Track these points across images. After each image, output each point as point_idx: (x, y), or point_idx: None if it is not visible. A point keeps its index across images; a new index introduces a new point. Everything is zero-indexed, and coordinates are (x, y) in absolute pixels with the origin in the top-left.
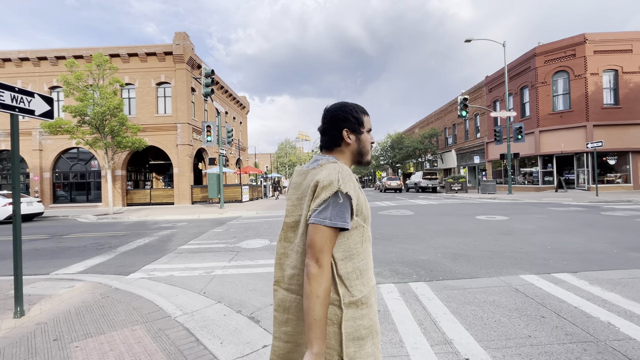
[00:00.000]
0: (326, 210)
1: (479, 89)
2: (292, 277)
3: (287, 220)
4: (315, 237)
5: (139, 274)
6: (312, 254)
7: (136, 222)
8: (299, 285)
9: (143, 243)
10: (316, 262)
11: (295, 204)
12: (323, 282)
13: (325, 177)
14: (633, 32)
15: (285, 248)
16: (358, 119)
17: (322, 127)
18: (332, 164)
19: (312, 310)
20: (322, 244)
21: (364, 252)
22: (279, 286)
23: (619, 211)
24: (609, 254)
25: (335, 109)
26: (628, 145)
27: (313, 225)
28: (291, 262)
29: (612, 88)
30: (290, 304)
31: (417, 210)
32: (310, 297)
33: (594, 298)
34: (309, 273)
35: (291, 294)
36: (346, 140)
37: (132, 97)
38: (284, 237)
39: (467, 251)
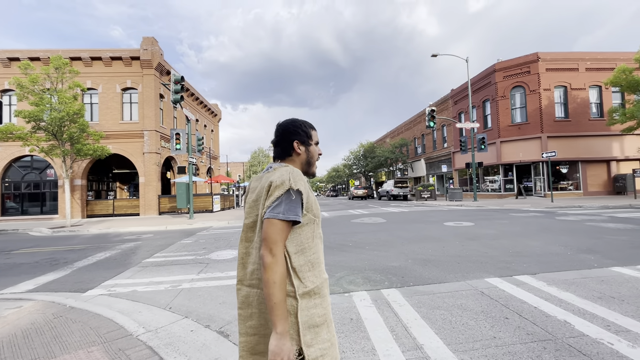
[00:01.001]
0: (279, 206)
1: (445, 101)
2: (253, 272)
3: (246, 221)
4: (269, 231)
5: (98, 290)
6: (266, 246)
7: (97, 235)
8: (259, 279)
9: (104, 257)
10: (270, 252)
11: (252, 205)
12: (278, 269)
13: (278, 178)
14: (579, 52)
15: (246, 247)
16: (307, 133)
17: (275, 140)
18: (284, 168)
19: (271, 295)
20: (275, 236)
21: (315, 247)
22: (242, 284)
23: (571, 216)
24: (563, 255)
25: (287, 123)
26: (578, 155)
27: (267, 220)
28: (252, 259)
29: (562, 103)
30: (253, 299)
31: (388, 217)
32: (268, 284)
33: (551, 298)
34: (265, 263)
35: (253, 289)
36: (297, 150)
37: (95, 102)
38: (245, 238)
39: (437, 257)
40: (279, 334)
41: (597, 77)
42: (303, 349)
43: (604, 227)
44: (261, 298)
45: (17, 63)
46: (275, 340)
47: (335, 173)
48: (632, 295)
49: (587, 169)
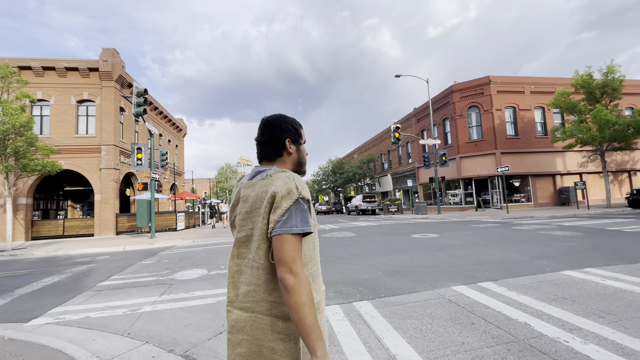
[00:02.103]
0: (291, 219)
1: (409, 119)
2: (247, 294)
3: (238, 235)
4: (284, 248)
5: (44, 319)
6: (285, 265)
7: (43, 258)
8: (255, 303)
9: (51, 282)
10: (290, 273)
11: (245, 217)
12: (304, 289)
13: (283, 187)
14: (524, 77)
15: (238, 265)
16: (297, 131)
17: (262, 138)
18: (283, 173)
19: (303, 319)
20: (292, 254)
21: (315, 258)
22: (233, 306)
23: (525, 225)
24: (520, 262)
25: (277, 119)
26: (528, 169)
27: (279, 237)
28: (246, 278)
29: (512, 122)
30: (245, 324)
31: (358, 231)
32: (298, 307)
33: (512, 302)
34: (288, 286)
35: (245, 313)
36: (288, 149)
37: (46, 114)
38: (237, 254)
39: (405, 267)
40: (319, 357)
41: (540, 99)
42: None
43: (554, 235)
44: (255, 324)
45: None
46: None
47: None
48: (582, 295)
49: (537, 182)
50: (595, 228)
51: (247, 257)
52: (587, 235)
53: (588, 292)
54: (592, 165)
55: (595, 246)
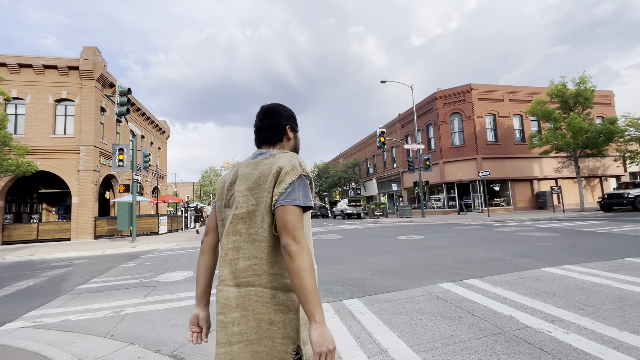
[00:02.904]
0: (294, 192)
1: (394, 125)
2: (247, 268)
3: (237, 212)
4: (287, 218)
5: (20, 323)
6: (288, 233)
7: (16, 263)
8: (257, 276)
9: (25, 286)
10: (294, 240)
11: (245, 194)
12: (306, 255)
13: (287, 163)
14: (503, 85)
15: (235, 242)
16: (295, 119)
17: (264, 123)
18: (286, 153)
19: (304, 283)
20: (295, 222)
21: (309, 237)
22: (226, 285)
23: (505, 227)
24: (503, 260)
25: (277, 106)
26: (507, 174)
27: (283, 207)
28: (245, 253)
29: (492, 128)
30: (243, 299)
31: (345, 234)
32: (300, 272)
33: (497, 297)
34: (291, 252)
35: (244, 288)
36: (288, 135)
37: (21, 113)
38: (233, 231)
39: (393, 267)
40: (318, 322)
41: (518, 107)
42: (300, 347)
43: (533, 235)
44: (257, 297)
45: None
46: (316, 330)
47: None
48: (562, 290)
49: (516, 187)
50: (571, 229)
51: (244, 233)
52: (564, 235)
53: (568, 286)
54: (566, 171)
55: (572, 245)
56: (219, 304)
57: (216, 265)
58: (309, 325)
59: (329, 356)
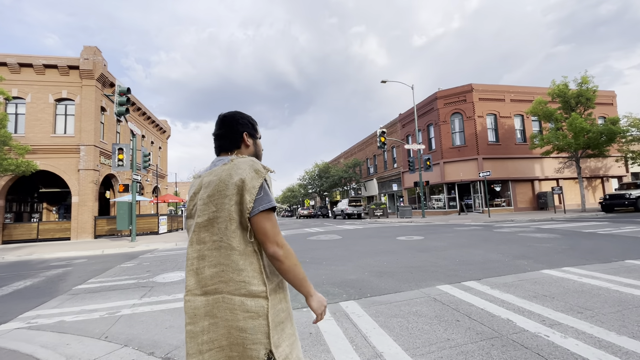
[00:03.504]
0: (267, 195)
1: (394, 125)
2: (214, 276)
3: (199, 220)
4: (267, 225)
5: (15, 324)
6: (272, 241)
7: (15, 262)
8: (224, 283)
9: (23, 286)
10: (278, 245)
11: (206, 202)
12: (291, 255)
13: (249, 169)
14: (505, 85)
15: (199, 251)
16: (253, 126)
17: (221, 131)
18: (244, 158)
19: (298, 274)
20: (273, 228)
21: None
22: (194, 294)
23: (505, 228)
24: (502, 262)
25: (235, 114)
26: (508, 175)
27: (260, 216)
28: (211, 261)
29: (493, 128)
30: (212, 307)
31: (344, 234)
32: (292, 269)
33: (495, 300)
34: (280, 257)
35: (212, 296)
36: (246, 142)
37: (21, 112)
38: (197, 240)
39: (391, 268)
40: (312, 295)
41: (519, 107)
42: (272, 351)
43: (533, 237)
44: (225, 304)
45: None
46: (313, 300)
47: (291, 193)
48: (560, 292)
49: (516, 187)
50: (572, 230)
51: (209, 240)
52: (564, 237)
53: (566, 289)
54: (568, 171)
55: (572, 247)
56: (187, 314)
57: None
58: (307, 300)
59: (325, 310)
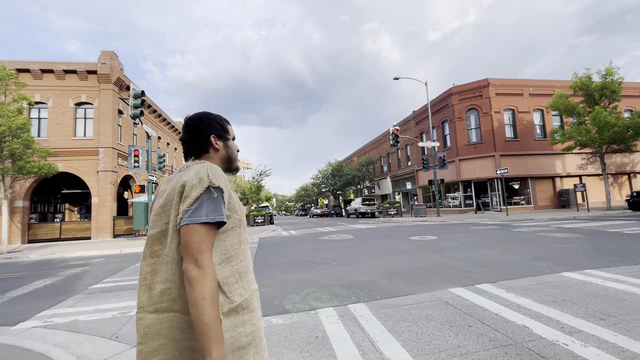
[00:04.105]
0: (200, 208)
1: (408, 122)
2: (162, 293)
3: (151, 232)
4: (190, 239)
5: (32, 322)
6: (190, 257)
7: (38, 261)
8: (172, 301)
9: (43, 285)
10: (195, 264)
11: (159, 212)
12: (207, 283)
13: (194, 176)
14: (523, 79)
15: (152, 265)
16: (223, 126)
17: (186, 136)
18: (199, 164)
19: (201, 315)
20: (199, 244)
21: (242, 254)
22: (145, 311)
23: (524, 227)
24: (519, 264)
25: (199, 116)
26: (527, 172)
27: (187, 227)
28: (161, 277)
29: (511, 124)
30: (162, 326)
31: (356, 234)
32: (197, 302)
33: (510, 304)
34: (190, 277)
35: (162, 314)
36: (214, 145)
37: (44, 117)
38: (150, 253)
39: (403, 269)
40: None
41: (539, 102)
42: None
43: (553, 237)
44: (174, 323)
45: None
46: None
47: (304, 192)
48: (581, 297)
49: (536, 184)
50: (596, 230)
51: (161, 254)
52: (587, 237)
53: (588, 294)
54: (591, 168)
55: (595, 248)
56: (138, 332)
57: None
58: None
59: None
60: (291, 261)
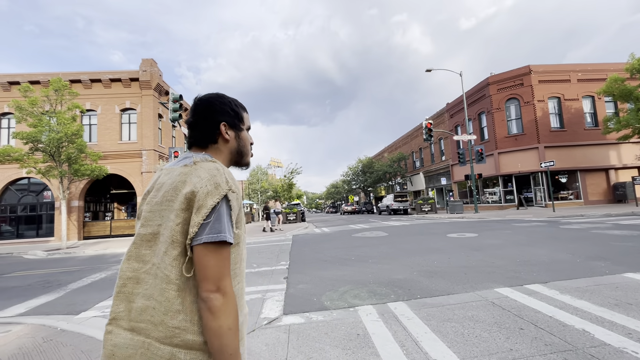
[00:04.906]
0: (219, 222)
1: (441, 115)
2: (143, 310)
3: (142, 231)
4: (211, 262)
5: (92, 312)
6: (212, 283)
7: (93, 256)
8: (153, 325)
9: (99, 278)
10: (219, 292)
11: (153, 209)
12: (232, 311)
13: (208, 180)
14: (570, 64)
15: (136, 271)
16: (238, 114)
17: (192, 119)
18: (210, 163)
19: (227, 346)
20: (221, 268)
21: (240, 274)
22: (118, 326)
23: (575, 224)
24: (573, 263)
25: (211, 98)
26: (576, 164)
27: (204, 247)
28: (146, 290)
29: (557, 113)
30: (135, 351)
31: (390, 231)
32: (222, 333)
33: (566, 307)
34: (214, 307)
35: (137, 336)
36: (224, 135)
37: (94, 123)
38: (136, 256)
39: (442, 268)
40: None
41: (589, 88)
42: None
43: (610, 234)
44: (150, 353)
45: (17, 87)
46: None
47: (335, 189)
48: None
49: (587, 178)
50: None
51: (149, 261)
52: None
53: None
54: None
55: None
56: (104, 349)
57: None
58: None
59: None
60: (326, 258)
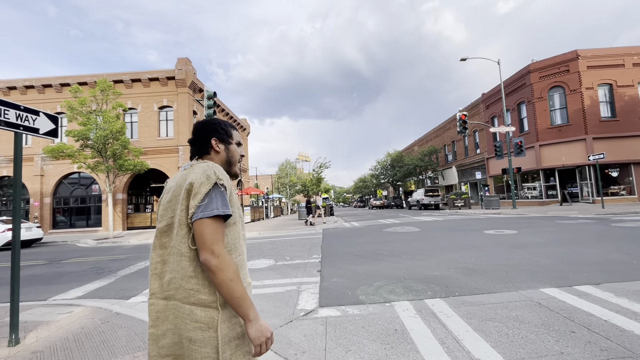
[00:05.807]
0: (211, 203)
1: (476, 106)
2: (170, 281)
3: (159, 225)
4: (205, 232)
5: (141, 298)
6: (207, 248)
7: (137, 246)
8: (175, 289)
9: (144, 266)
10: (212, 254)
11: (166, 207)
12: (228, 267)
13: (201, 174)
14: (624, 47)
15: (161, 255)
16: (226, 131)
17: (192, 138)
18: (204, 163)
19: (232, 292)
20: (213, 236)
21: (240, 248)
22: (156, 297)
23: (629, 222)
24: (628, 264)
25: (205, 121)
26: (629, 157)
27: (200, 222)
28: (170, 266)
29: (608, 101)
30: (169, 312)
31: (422, 226)
32: (225, 284)
33: (623, 310)
34: (212, 266)
35: (170, 301)
36: (215, 148)
37: (135, 121)
38: (159, 244)
39: (481, 265)
40: (252, 320)
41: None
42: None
43: None
44: (177, 311)
45: (67, 88)
46: (252, 327)
47: (363, 183)
48: None
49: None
50: None
51: (169, 246)
52: None
53: None
54: None
55: None
56: (150, 317)
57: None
58: (245, 325)
59: (268, 343)
60: (358, 252)
